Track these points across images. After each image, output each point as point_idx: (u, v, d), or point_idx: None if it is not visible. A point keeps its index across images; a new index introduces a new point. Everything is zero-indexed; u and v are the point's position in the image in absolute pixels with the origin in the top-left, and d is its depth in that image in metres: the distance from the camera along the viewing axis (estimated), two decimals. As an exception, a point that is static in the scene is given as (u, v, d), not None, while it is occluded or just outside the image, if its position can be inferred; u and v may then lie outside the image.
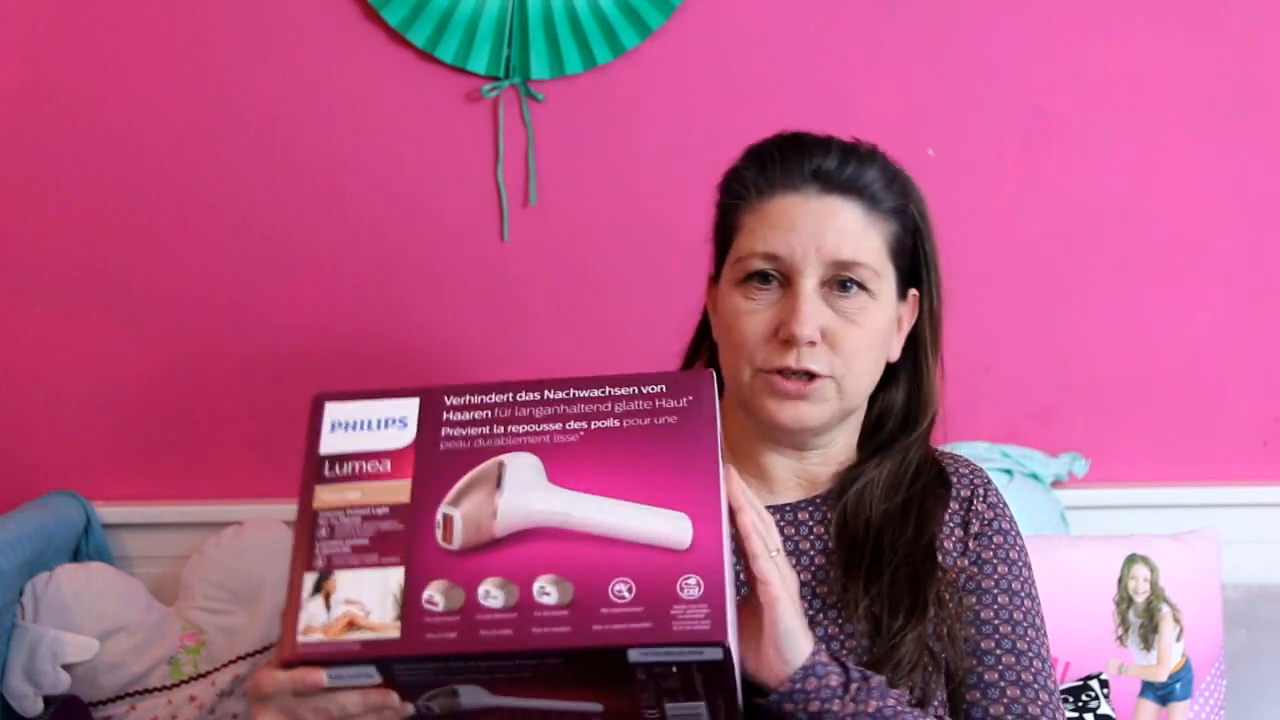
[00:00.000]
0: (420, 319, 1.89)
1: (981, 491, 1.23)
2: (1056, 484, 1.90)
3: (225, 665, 1.76)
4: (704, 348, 1.31)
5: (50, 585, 1.71)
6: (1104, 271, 1.90)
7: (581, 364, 1.87)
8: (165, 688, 1.74)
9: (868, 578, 1.15)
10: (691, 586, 0.90)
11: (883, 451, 1.23)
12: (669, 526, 0.92)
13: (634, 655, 0.89)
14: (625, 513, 0.93)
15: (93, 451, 1.91)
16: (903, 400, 1.25)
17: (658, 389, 0.98)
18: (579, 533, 0.92)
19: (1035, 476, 1.86)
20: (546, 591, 0.90)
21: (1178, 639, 1.71)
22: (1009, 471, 1.85)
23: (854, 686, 1.03)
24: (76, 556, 1.83)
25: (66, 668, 1.69)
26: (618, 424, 0.97)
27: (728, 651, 0.89)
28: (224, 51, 1.85)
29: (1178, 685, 1.70)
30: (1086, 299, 1.90)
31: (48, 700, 1.71)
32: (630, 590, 0.90)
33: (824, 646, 1.06)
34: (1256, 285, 1.91)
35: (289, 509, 1.85)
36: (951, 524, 1.20)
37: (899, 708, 1.04)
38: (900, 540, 1.17)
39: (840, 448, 1.24)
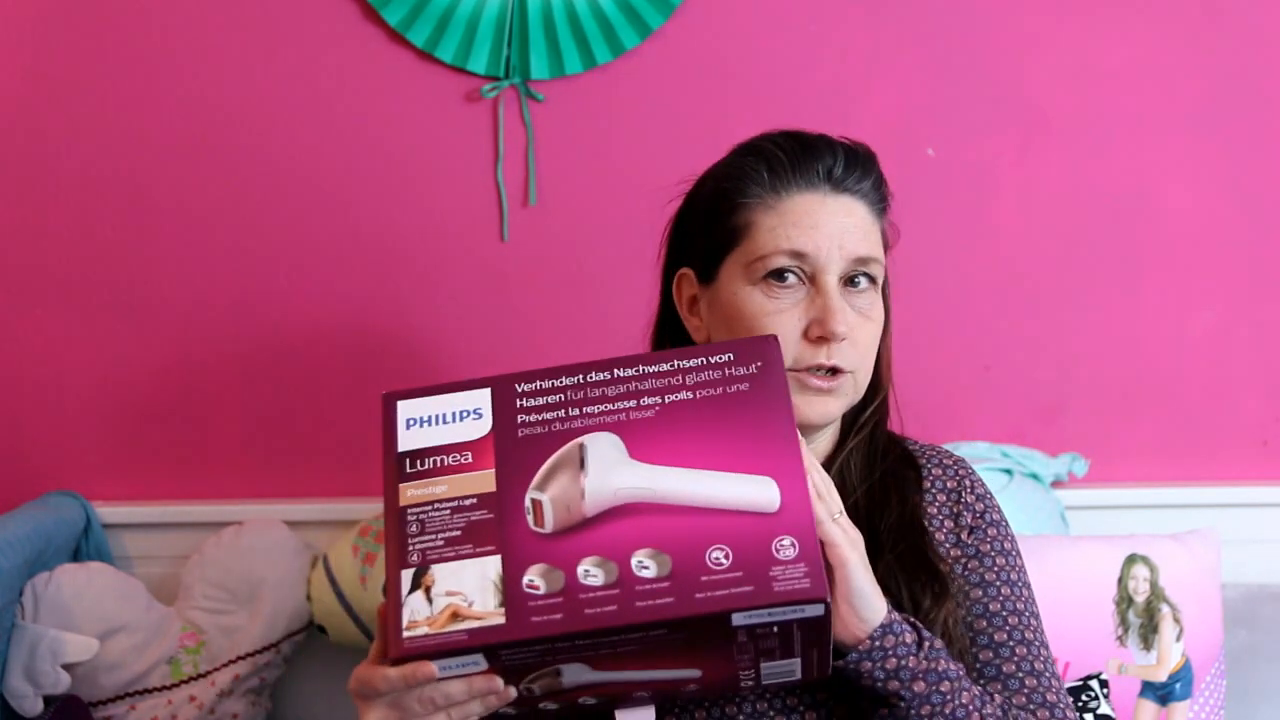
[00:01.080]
0: (420, 319, 1.89)
1: (969, 483, 1.24)
2: (1056, 484, 1.90)
3: (225, 665, 1.76)
4: (666, 346, 1.30)
5: (50, 585, 1.71)
6: (1104, 271, 1.90)
7: (581, 364, 1.87)
8: (165, 688, 1.74)
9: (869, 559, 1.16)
10: (786, 547, 0.92)
11: (850, 434, 1.25)
12: (756, 491, 0.94)
13: (738, 619, 0.91)
14: (711, 482, 0.94)
15: (93, 451, 1.91)
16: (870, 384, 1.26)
17: (725, 358, 1.00)
18: (669, 505, 0.94)
19: (1035, 476, 1.86)
20: (645, 565, 0.91)
21: (1178, 639, 1.71)
22: (1009, 471, 1.84)
23: (926, 644, 1.05)
24: (76, 556, 1.83)
25: (66, 668, 1.69)
26: (691, 395, 0.98)
27: (829, 606, 0.91)
28: (224, 51, 1.85)
29: (1178, 685, 1.70)
30: (1086, 299, 1.90)
31: (48, 700, 1.71)
32: (728, 557, 0.91)
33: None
34: (1257, 285, 1.91)
35: (289, 509, 1.87)
36: (940, 516, 1.22)
37: (959, 671, 1.07)
38: (889, 522, 1.18)
39: (828, 437, 1.25)
